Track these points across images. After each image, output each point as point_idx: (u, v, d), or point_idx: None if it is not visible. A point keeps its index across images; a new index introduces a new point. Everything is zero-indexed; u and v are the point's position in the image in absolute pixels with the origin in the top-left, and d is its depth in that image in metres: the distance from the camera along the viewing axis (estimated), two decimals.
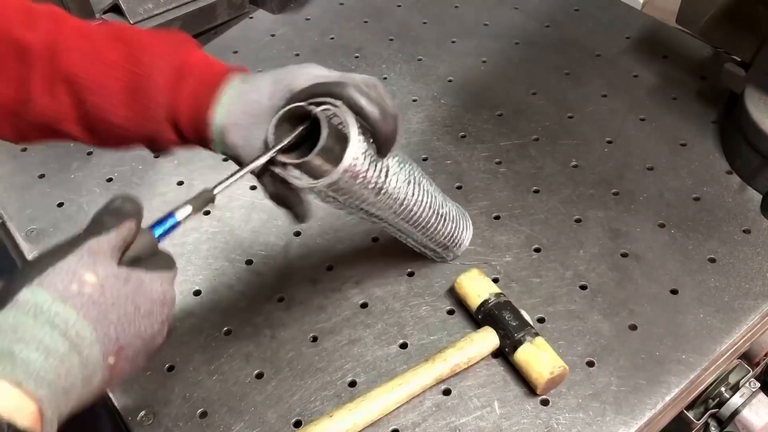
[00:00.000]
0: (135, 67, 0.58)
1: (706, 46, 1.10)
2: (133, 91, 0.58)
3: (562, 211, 0.90)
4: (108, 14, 1.09)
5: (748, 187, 0.91)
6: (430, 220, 0.73)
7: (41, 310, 0.41)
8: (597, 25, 1.18)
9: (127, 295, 0.46)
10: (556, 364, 0.70)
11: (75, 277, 0.43)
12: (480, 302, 0.76)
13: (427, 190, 0.71)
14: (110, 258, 0.46)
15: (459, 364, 0.72)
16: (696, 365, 0.74)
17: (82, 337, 0.42)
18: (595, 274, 0.83)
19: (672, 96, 1.05)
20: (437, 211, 0.73)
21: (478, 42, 1.16)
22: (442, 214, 0.75)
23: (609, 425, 0.70)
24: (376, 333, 0.78)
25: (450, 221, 0.77)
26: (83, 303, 0.43)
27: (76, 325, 0.42)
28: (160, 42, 0.60)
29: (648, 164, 0.95)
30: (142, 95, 0.58)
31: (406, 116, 1.03)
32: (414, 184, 0.68)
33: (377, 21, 1.21)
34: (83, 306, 0.43)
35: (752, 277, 0.82)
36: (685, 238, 0.86)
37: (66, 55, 0.57)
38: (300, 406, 0.72)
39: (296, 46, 1.16)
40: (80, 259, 0.44)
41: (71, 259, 0.44)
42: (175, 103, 0.59)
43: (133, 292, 0.46)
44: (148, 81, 0.58)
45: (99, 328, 0.43)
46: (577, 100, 1.04)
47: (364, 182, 0.60)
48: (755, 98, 0.91)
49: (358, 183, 0.59)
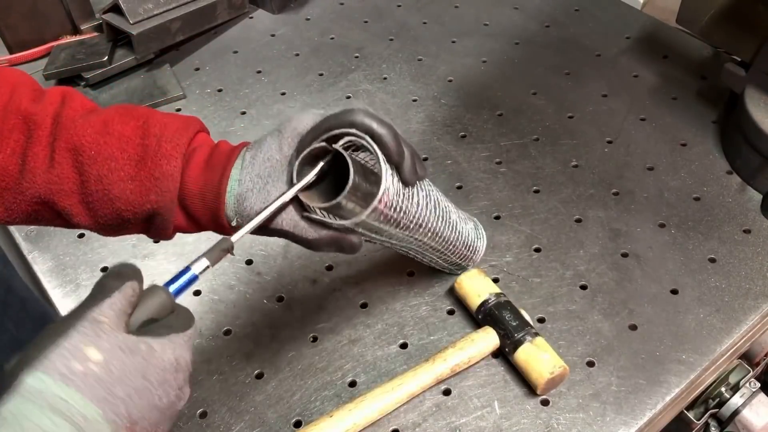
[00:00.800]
0: (145, 140, 0.56)
1: (706, 46, 1.11)
2: (141, 161, 0.56)
3: (562, 211, 0.90)
4: (108, 14, 1.09)
5: (748, 187, 0.91)
6: (450, 237, 0.72)
7: (43, 396, 0.39)
8: (597, 25, 1.18)
9: (136, 368, 0.43)
10: (556, 364, 0.70)
11: (78, 355, 0.41)
12: (480, 302, 0.76)
13: (446, 208, 0.70)
14: (115, 327, 0.44)
15: (459, 364, 0.72)
16: (696, 365, 0.74)
17: (89, 419, 0.40)
18: (596, 274, 0.83)
19: (672, 96, 1.05)
20: (457, 228, 0.72)
21: (478, 42, 1.16)
22: (460, 230, 0.74)
23: (609, 425, 0.70)
24: (376, 333, 0.78)
25: (468, 235, 0.76)
26: (87, 383, 0.41)
27: (80, 407, 0.40)
28: (175, 120, 0.58)
29: (648, 164, 0.95)
30: (150, 165, 0.56)
31: (406, 116, 1.03)
32: (434, 205, 0.66)
33: (377, 21, 1.21)
34: (87, 386, 0.41)
35: (752, 277, 0.82)
36: (686, 238, 0.86)
37: (74, 126, 0.56)
38: (300, 406, 0.72)
39: (296, 46, 1.17)
40: (83, 334, 0.42)
41: (73, 335, 0.42)
42: (186, 175, 0.57)
43: (142, 363, 0.43)
44: (157, 152, 0.56)
45: (107, 408, 0.41)
46: (577, 100, 1.04)
47: (397, 210, 0.59)
48: (755, 98, 0.91)
49: (394, 211, 0.58)
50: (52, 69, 1.07)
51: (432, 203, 0.66)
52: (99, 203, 0.56)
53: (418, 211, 0.63)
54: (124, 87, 1.10)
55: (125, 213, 0.57)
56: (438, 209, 0.67)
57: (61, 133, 0.55)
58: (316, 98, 1.07)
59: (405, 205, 0.60)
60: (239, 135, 1.02)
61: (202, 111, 1.06)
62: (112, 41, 1.11)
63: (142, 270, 0.59)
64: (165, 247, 0.87)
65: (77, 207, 0.57)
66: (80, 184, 0.56)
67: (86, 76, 1.07)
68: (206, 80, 1.11)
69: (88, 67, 1.07)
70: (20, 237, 0.89)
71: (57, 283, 0.84)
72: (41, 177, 0.55)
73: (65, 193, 0.56)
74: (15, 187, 0.55)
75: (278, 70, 1.12)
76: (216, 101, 1.08)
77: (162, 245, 0.87)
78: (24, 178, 0.55)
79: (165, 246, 0.87)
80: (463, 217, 0.76)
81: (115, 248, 0.87)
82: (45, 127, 0.55)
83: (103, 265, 0.86)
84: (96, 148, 0.55)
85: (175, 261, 0.86)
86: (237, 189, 0.56)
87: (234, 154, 0.58)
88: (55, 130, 0.55)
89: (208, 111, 1.06)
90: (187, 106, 1.07)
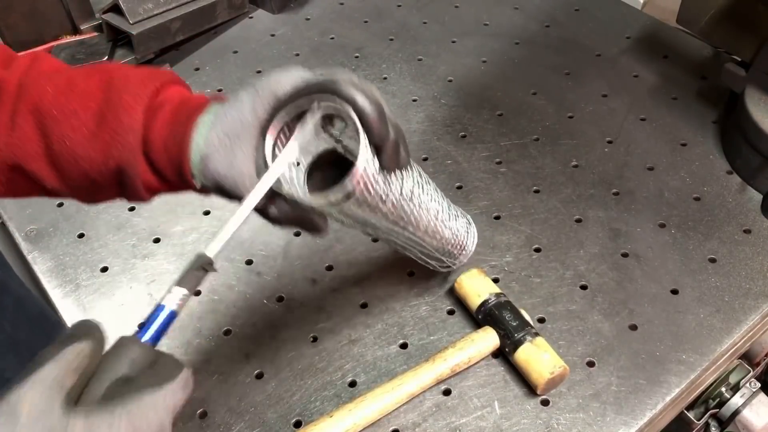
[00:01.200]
0: (107, 93, 0.53)
1: (707, 46, 1.11)
2: (103, 116, 0.53)
3: (562, 211, 0.90)
4: (108, 14, 1.09)
5: (748, 187, 0.91)
6: (437, 234, 0.68)
7: None
8: (597, 25, 1.18)
9: None
10: (556, 364, 0.70)
11: None
12: (480, 302, 0.76)
13: (435, 202, 0.66)
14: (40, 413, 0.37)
15: (459, 364, 0.72)
16: (696, 365, 0.74)
17: None
18: (596, 274, 0.83)
19: (672, 96, 1.05)
20: (443, 220, 0.69)
21: (478, 42, 1.16)
22: (448, 223, 0.70)
23: (609, 425, 0.70)
24: (376, 333, 0.78)
25: (457, 234, 0.73)
26: None
27: None
28: (140, 72, 0.55)
29: (648, 164, 0.95)
30: (111, 119, 0.52)
31: (406, 116, 1.03)
32: (419, 198, 0.62)
33: (377, 21, 1.21)
34: None
35: (752, 277, 0.82)
36: (686, 238, 0.86)
37: (37, 87, 0.54)
38: (300, 406, 0.72)
39: (296, 46, 1.16)
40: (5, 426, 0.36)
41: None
42: (149, 129, 0.53)
43: None
44: (118, 105, 0.52)
45: None
46: (578, 100, 1.04)
47: (373, 195, 0.53)
48: (755, 98, 0.91)
49: (369, 196, 0.53)
50: None
51: (417, 194, 0.61)
52: (66, 165, 0.54)
53: (398, 200, 0.57)
54: None
55: (92, 173, 0.54)
56: (425, 203, 0.63)
57: (24, 95, 0.54)
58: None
59: (383, 191, 0.54)
60: None
61: None
62: (112, 41, 1.11)
63: (142, 271, 0.59)
64: (165, 247, 0.87)
65: (46, 170, 0.54)
66: (45, 146, 0.53)
67: None
68: (206, 80, 1.11)
69: None
70: (20, 237, 0.89)
71: (57, 283, 0.84)
72: (4, 140, 0.53)
73: (31, 156, 0.53)
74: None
75: None
76: None
77: (162, 245, 0.87)
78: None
79: (165, 246, 0.87)
80: (455, 213, 0.73)
81: (115, 248, 0.87)
82: (9, 92, 0.54)
83: (103, 266, 0.86)
84: (58, 108, 0.53)
85: (175, 261, 0.86)
86: (203, 146, 0.53)
87: (202, 108, 0.54)
88: (20, 95, 0.54)
89: None
90: None
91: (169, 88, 0.56)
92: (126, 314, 0.81)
